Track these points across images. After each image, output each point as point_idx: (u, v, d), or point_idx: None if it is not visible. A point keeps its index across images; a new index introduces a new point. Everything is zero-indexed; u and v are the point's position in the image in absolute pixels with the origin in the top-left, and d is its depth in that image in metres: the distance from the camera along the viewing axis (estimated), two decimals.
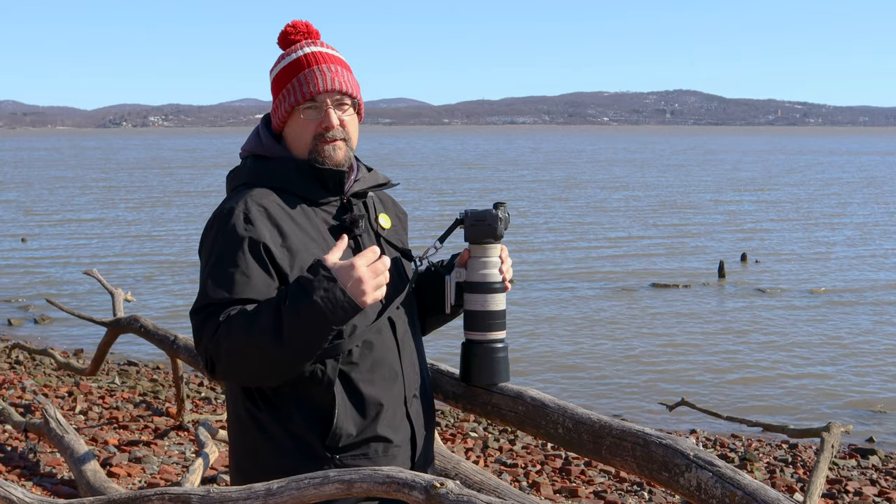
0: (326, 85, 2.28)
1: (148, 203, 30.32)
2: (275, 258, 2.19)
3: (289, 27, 2.37)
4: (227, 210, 2.22)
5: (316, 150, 2.29)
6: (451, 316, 2.55)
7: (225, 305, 2.13)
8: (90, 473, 4.79)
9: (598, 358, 10.44)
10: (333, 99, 2.29)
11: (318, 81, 2.27)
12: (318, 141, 2.29)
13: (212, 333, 2.11)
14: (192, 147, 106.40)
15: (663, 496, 6.02)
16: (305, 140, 2.29)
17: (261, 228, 2.19)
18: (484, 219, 2.41)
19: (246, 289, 2.14)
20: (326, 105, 2.28)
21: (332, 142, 2.29)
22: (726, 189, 35.86)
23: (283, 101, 2.30)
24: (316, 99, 2.28)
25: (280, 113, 2.31)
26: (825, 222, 24.26)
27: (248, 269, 2.15)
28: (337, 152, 2.29)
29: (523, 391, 2.61)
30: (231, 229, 2.19)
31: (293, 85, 2.28)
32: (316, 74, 2.28)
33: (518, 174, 47.02)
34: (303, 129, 2.29)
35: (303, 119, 2.29)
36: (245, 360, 2.11)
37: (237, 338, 2.08)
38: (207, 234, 2.25)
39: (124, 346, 10.00)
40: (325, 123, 2.28)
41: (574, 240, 20.61)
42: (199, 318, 2.16)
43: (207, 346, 2.12)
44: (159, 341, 6.05)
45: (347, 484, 1.93)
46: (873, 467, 7.06)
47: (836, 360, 10.36)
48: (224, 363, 2.11)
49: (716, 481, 2.13)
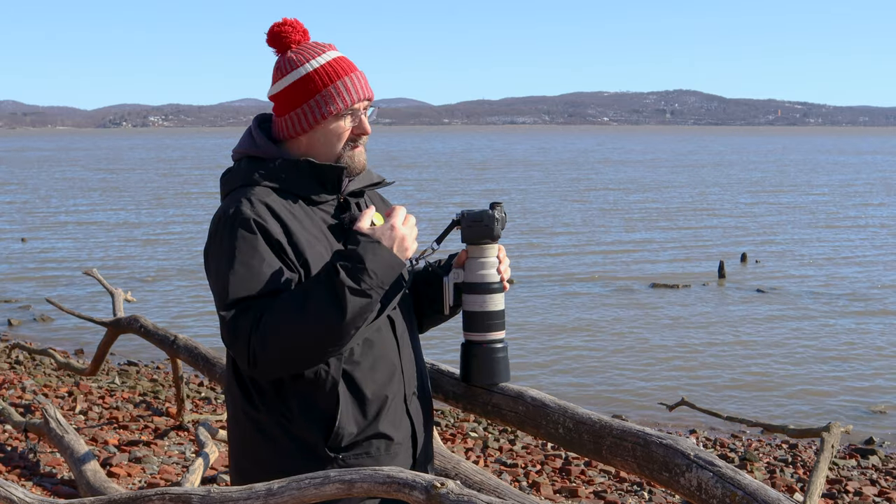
0: (365, 93, 2.32)
1: (148, 203, 30.33)
2: (287, 253, 2.20)
3: (286, 26, 2.34)
4: (234, 209, 2.22)
5: (344, 155, 2.32)
6: (449, 316, 2.55)
7: (256, 299, 2.13)
8: (90, 473, 4.80)
9: (598, 358, 10.44)
10: (364, 106, 2.34)
11: (358, 89, 2.31)
12: (348, 146, 2.32)
13: (253, 326, 2.10)
14: (197, 146, 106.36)
15: (663, 496, 6.02)
16: (337, 146, 2.31)
17: (270, 224, 2.20)
18: (480, 219, 2.41)
19: (273, 280, 2.15)
20: (362, 112, 2.33)
21: (360, 146, 2.34)
22: (753, 190, 35.87)
23: (315, 110, 2.29)
24: (354, 106, 2.30)
25: (306, 120, 2.29)
26: (825, 223, 24.27)
27: (270, 262, 2.17)
28: (363, 157, 2.35)
29: (523, 391, 2.61)
30: (243, 226, 2.18)
31: (329, 93, 2.28)
32: (355, 82, 2.31)
33: (527, 174, 47.00)
34: (337, 136, 2.31)
35: (339, 125, 2.30)
36: (301, 344, 2.10)
37: (291, 321, 2.09)
38: (216, 236, 2.24)
39: (124, 346, 9.99)
40: (361, 129, 2.33)
41: (574, 240, 20.62)
42: (233, 314, 2.14)
43: (251, 339, 2.10)
44: (159, 341, 6.05)
45: (348, 484, 1.93)
46: (873, 467, 7.06)
47: (836, 361, 10.36)
48: (272, 353, 2.10)
49: (716, 481, 2.13)
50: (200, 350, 5.56)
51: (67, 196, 33.55)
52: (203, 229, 20.16)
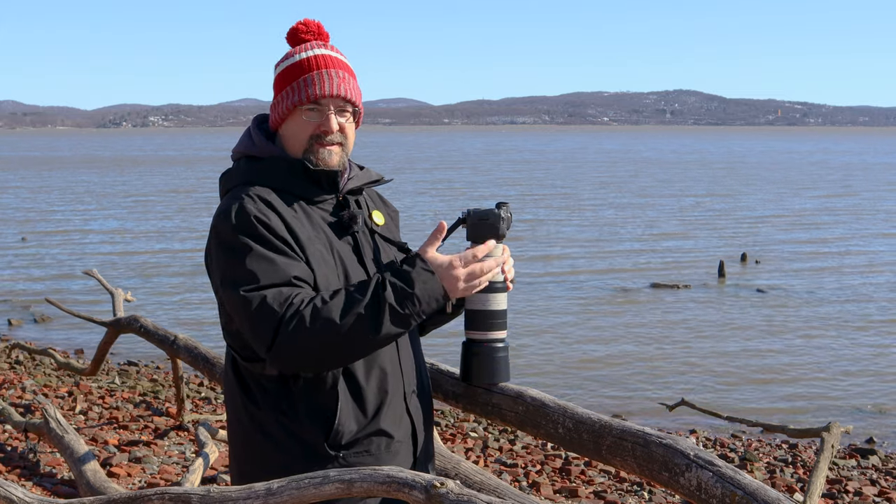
0: (332, 90, 2.30)
1: (149, 203, 30.33)
2: (291, 247, 2.20)
3: (300, 24, 2.39)
4: (237, 205, 2.22)
5: (311, 151, 2.31)
6: (451, 315, 2.55)
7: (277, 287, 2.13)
8: (90, 473, 4.80)
9: (598, 358, 10.44)
10: (336, 105, 2.32)
11: (324, 85, 2.29)
12: (314, 142, 2.31)
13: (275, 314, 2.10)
14: (199, 146, 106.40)
15: (663, 496, 6.02)
16: (302, 139, 2.31)
17: (273, 219, 2.21)
18: (487, 218, 2.41)
19: (289, 267, 2.16)
20: (329, 110, 2.31)
21: (328, 145, 2.31)
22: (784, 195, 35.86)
23: (286, 99, 2.31)
24: (320, 102, 2.30)
25: (280, 109, 2.32)
26: (826, 223, 24.27)
27: (281, 250, 2.17)
28: (332, 157, 2.32)
29: (524, 391, 2.61)
30: (247, 219, 2.19)
31: (298, 84, 2.30)
32: (323, 78, 2.30)
33: (533, 175, 47.01)
34: (301, 128, 2.31)
35: (303, 119, 2.31)
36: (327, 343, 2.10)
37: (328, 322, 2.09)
38: (220, 233, 2.23)
39: (124, 346, 9.99)
40: (325, 127, 2.30)
41: (574, 240, 20.62)
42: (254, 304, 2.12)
43: (280, 324, 2.09)
44: (159, 341, 6.05)
45: (347, 484, 1.93)
46: (873, 467, 7.06)
47: (837, 361, 10.36)
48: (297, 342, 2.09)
49: (716, 481, 2.13)
50: (200, 350, 5.56)
51: (68, 196, 33.54)
52: (203, 229, 20.17)
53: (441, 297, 2.19)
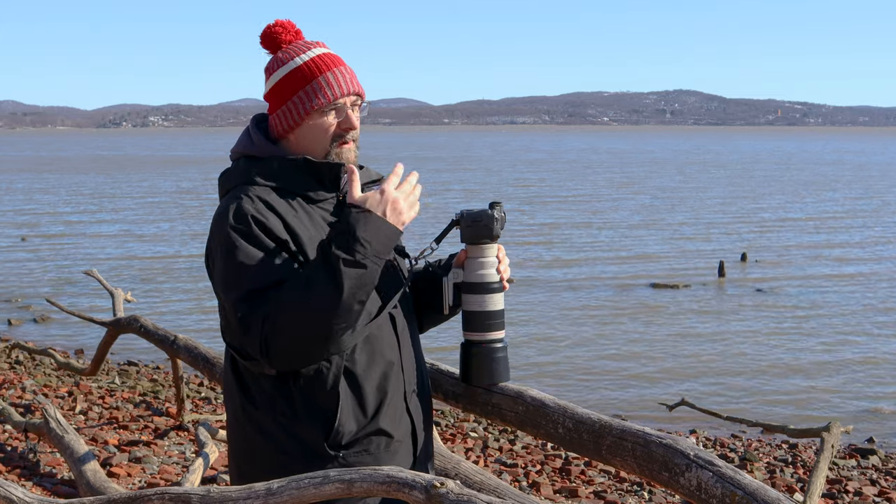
0: (349, 87, 2.31)
1: (149, 203, 30.33)
2: (289, 248, 2.20)
3: (279, 28, 2.37)
4: (235, 205, 2.22)
5: (334, 153, 2.31)
6: (449, 316, 2.55)
7: (264, 291, 2.13)
8: (90, 473, 4.80)
9: (598, 358, 10.44)
10: (351, 101, 2.33)
11: (341, 84, 2.30)
12: (336, 143, 2.31)
13: (263, 315, 2.10)
14: (200, 146, 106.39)
15: (663, 496, 6.02)
16: (324, 143, 2.31)
17: (271, 220, 2.20)
18: (480, 219, 2.41)
19: (279, 271, 2.15)
20: (347, 107, 2.32)
21: (348, 143, 2.32)
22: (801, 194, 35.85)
23: (298, 105, 2.29)
24: (337, 102, 2.30)
25: (292, 116, 2.30)
26: (828, 223, 24.27)
27: (274, 254, 2.17)
28: (352, 154, 2.34)
29: (523, 391, 2.60)
30: (244, 221, 2.18)
31: (312, 88, 2.28)
32: (338, 77, 2.30)
33: (540, 176, 47.01)
34: (323, 131, 2.30)
35: (324, 121, 2.30)
36: (306, 327, 2.09)
37: (294, 305, 2.08)
38: (218, 233, 2.23)
39: (124, 346, 9.99)
40: (348, 125, 2.31)
41: (574, 240, 20.61)
42: (242, 307, 2.13)
43: (263, 328, 2.10)
44: (159, 341, 6.05)
45: (347, 484, 1.93)
46: (873, 467, 7.06)
47: (837, 361, 10.36)
48: (282, 341, 2.09)
49: (716, 481, 2.13)
50: (200, 350, 5.56)
51: (68, 196, 33.54)
52: (203, 229, 20.17)
53: (388, 228, 2.15)
